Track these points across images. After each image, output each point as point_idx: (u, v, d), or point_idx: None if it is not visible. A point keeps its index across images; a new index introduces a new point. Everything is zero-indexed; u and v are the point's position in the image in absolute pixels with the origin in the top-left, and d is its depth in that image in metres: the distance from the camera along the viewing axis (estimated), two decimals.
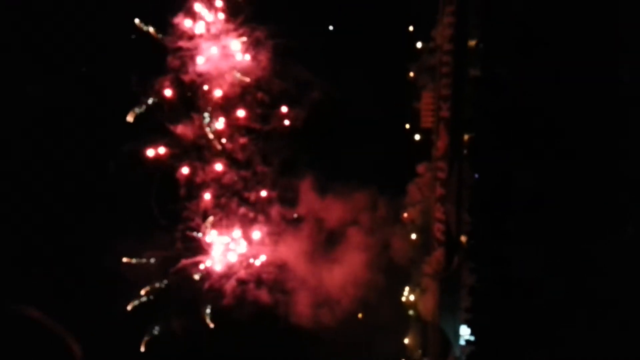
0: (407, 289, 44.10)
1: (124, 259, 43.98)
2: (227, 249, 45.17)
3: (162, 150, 43.35)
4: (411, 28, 42.28)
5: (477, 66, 40.05)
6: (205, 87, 43.43)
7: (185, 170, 43.64)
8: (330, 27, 45.45)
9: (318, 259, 45.09)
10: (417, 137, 43.27)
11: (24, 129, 43.53)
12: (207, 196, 44.36)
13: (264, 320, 44.31)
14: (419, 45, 42.23)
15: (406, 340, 45.53)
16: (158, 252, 44.17)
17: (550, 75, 36.90)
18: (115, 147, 42.87)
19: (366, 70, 43.81)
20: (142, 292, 44.35)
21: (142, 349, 44.35)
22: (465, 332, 40.86)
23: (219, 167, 44.28)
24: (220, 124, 44.07)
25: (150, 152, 43.16)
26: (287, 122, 44.30)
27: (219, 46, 43.10)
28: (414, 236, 43.75)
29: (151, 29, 42.49)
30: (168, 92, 42.95)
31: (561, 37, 36.56)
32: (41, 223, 43.95)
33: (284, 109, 44.25)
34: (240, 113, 44.26)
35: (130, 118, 43.16)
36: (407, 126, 43.63)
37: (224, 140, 44.37)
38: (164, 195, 43.97)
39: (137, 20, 42.10)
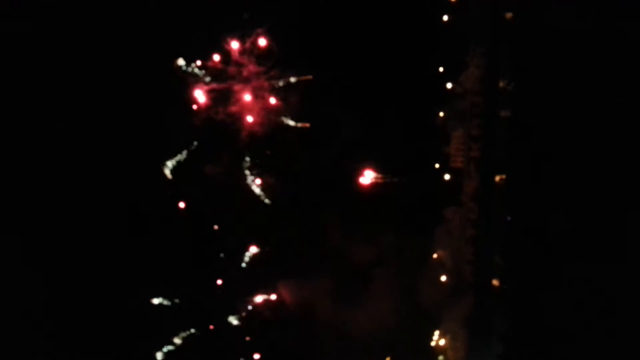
0: (436, 333, 42.88)
1: (153, 300, 43.94)
2: (251, 289, 44.72)
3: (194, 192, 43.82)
4: (441, 69, 42.31)
5: (507, 107, 39.93)
6: (237, 128, 43.98)
7: (214, 210, 43.79)
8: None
9: (343, 301, 44.17)
10: (446, 177, 42.82)
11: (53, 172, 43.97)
12: (236, 236, 44.43)
13: None
14: (449, 86, 42.17)
15: None
16: (186, 293, 44.14)
17: (585, 114, 36.63)
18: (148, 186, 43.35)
19: (394, 112, 43.73)
20: (177, 339, 44.03)
21: None
22: None
23: (247, 205, 44.30)
24: (250, 164, 44.45)
25: (181, 202, 43.80)
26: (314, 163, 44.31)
27: (250, 87, 43.72)
28: (443, 278, 42.78)
29: (196, 69, 43.30)
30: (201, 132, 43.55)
31: (594, 75, 36.40)
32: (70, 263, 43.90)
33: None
34: (270, 153, 44.63)
35: (167, 173, 43.76)
36: (437, 166, 43.25)
37: (257, 181, 44.60)
38: (193, 236, 44.12)
39: (181, 61, 42.98)
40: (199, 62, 43.16)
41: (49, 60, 43.01)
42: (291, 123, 44.36)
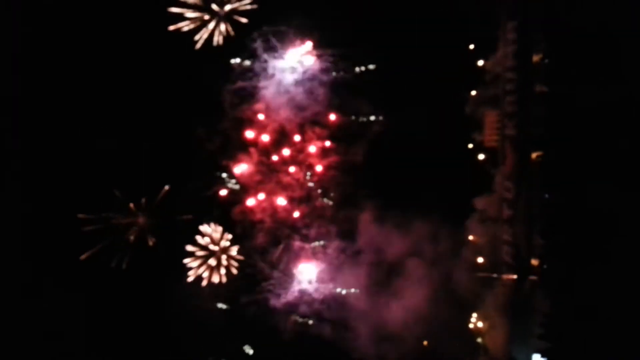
0: (474, 315, 41.93)
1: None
2: (288, 283, 44.49)
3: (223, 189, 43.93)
4: (472, 46, 41.63)
5: (542, 82, 39.10)
6: (264, 124, 43.89)
7: (244, 205, 43.72)
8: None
9: (379, 292, 43.79)
10: (480, 156, 42.02)
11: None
12: (266, 231, 44.18)
13: (327, 356, 43.36)
14: (480, 63, 41.49)
15: None
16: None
17: (624, 86, 35.64)
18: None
19: (425, 100, 43.02)
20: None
21: None
22: None
23: (279, 202, 44.17)
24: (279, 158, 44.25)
25: (222, 192, 44.10)
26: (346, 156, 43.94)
27: (275, 82, 43.61)
28: (480, 260, 41.87)
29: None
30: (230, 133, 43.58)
31: (631, 46, 35.42)
32: None
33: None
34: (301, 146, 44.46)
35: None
36: (470, 146, 42.53)
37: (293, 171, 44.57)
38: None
39: (235, 61, 43.22)
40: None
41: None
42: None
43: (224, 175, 44.86)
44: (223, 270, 43.52)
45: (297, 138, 44.32)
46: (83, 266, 41.64)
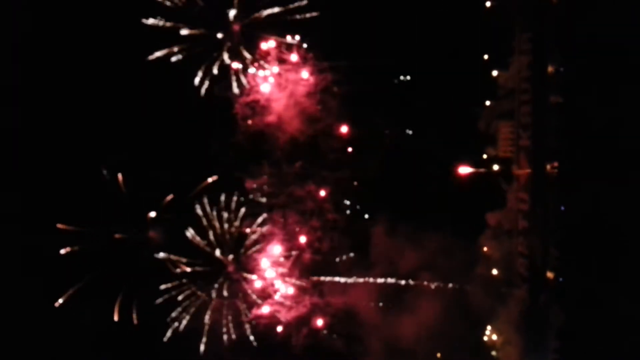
0: (489, 328, 41.62)
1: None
2: (297, 297, 43.96)
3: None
4: (486, 57, 41.41)
5: (557, 93, 38.80)
6: (275, 136, 43.53)
7: (255, 219, 43.11)
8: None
9: (392, 305, 43.84)
10: (495, 167, 41.74)
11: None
12: (277, 246, 43.63)
13: None
14: (494, 73, 41.27)
15: None
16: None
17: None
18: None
19: (437, 112, 42.92)
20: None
21: None
22: None
23: (288, 215, 43.76)
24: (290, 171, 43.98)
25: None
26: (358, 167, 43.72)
27: (287, 94, 43.37)
28: (495, 272, 41.55)
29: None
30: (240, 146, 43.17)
31: None
32: None
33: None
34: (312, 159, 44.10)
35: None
36: (485, 156, 42.29)
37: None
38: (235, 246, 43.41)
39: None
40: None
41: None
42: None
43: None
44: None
45: (309, 150, 43.90)
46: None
